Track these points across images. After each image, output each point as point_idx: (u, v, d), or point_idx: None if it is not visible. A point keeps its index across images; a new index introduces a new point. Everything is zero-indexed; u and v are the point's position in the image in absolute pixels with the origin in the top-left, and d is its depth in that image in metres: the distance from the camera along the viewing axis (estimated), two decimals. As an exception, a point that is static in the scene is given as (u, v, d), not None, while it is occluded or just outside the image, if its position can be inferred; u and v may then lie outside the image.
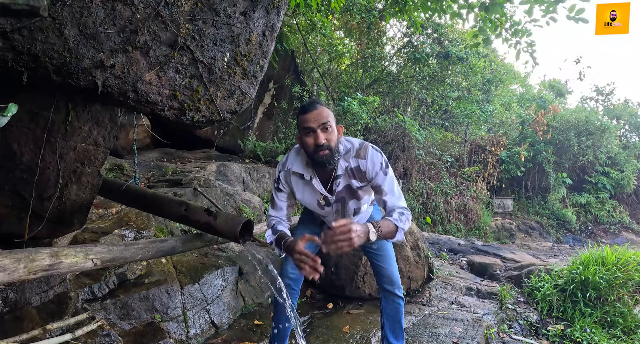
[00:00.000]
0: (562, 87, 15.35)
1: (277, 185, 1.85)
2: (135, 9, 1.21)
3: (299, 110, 1.70)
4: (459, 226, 9.58)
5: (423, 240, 3.68)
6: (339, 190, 1.80)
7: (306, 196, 1.84)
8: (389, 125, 8.47)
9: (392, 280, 2.05)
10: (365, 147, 1.76)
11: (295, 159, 1.81)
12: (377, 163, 1.74)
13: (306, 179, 1.78)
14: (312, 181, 1.78)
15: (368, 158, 1.74)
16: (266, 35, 1.59)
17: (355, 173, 1.76)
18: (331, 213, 1.90)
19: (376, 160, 1.74)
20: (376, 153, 1.76)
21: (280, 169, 1.84)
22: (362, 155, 1.74)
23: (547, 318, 3.34)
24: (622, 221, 11.53)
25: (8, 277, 1.20)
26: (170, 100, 1.36)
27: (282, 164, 1.85)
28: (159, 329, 2.25)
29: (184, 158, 5.54)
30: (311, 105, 1.66)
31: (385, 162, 1.76)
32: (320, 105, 1.67)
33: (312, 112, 1.63)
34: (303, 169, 1.78)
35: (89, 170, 1.84)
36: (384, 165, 1.75)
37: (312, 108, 1.64)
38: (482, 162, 11.84)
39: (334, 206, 1.86)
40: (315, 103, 1.67)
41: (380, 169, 1.74)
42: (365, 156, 1.74)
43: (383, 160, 1.75)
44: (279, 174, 1.84)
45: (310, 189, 1.82)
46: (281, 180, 1.83)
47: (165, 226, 3.09)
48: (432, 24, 9.40)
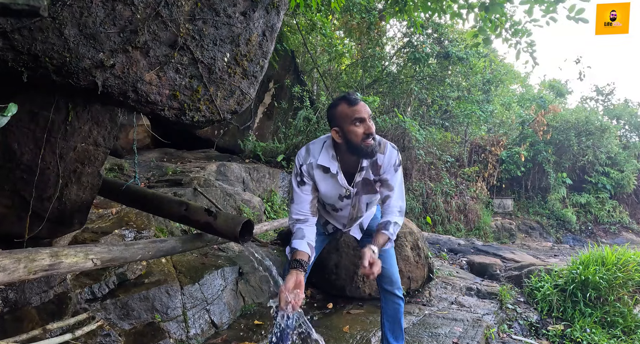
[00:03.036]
0: (562, 87, 15.35)
1: (301, 178, 1.85)
2: (135, 9, 1.21)
3: (338, 103, 1.75)
4: (459, 226, 9.58)
5: (423, 240, 3.68)
6: (358, 182, 1.86)
7: (329, 189, 1.88)
8: (389, 125, 8.45)
9: (392, 280, 2.06)
10: (385, 143, 1.85)
11: (318, 152, 1.83)
12: (392, 161, 1.84)
13: (332, 172, 1.82)
14: (338, 175, 1.82)
15: (386, 154, 1.83)
16: (266, 35, 1.59)
17: (371, 166, 1.84)
18: (348, 205, 1.94)
19: (392, 156, 1.84)
20: (393, 151, 1.85)
21: (301, 162, 1.84)
22: (382, 150, 1.82)
23: (547, 318, 3.34)
24: (622, 221, 11.52)
25: (8, 277, 1.20)
26: (170, 100, 1.36)
27: (303, 157, 1.85)
28: (159, 329, 2.25)
29: (184, 158, 5.54)
30: (355, 98, 1.73)
31: (399, 161, 1.87)
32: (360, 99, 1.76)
33: (360, 103, 1.71)
34: (329, 162, 1.80)
35: (89, 170, 1.84)
36: (397, 163, 1.85)
37: (358, 100, 1.71)
38: (482, 162, 11.84)
39: (353, 199, 1.92)
40: (357, 97, 1.75)
41: (393, 166, 1.84)
42: (384, 151, 1.83)
43: (397, 159, 1.86)
44: (300, 168, 1.84)
45: (333, 182, 1.85)
46: (304, 173, 1.84)
47: (165, 226, 3.09)
48: (432, 24, 9.39)
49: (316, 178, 1.84)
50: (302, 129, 6.48)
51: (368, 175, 1.85)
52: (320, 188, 1.87)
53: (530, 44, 3.75)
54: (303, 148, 1.90)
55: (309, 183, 1.86)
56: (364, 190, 1.89)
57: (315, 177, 1.84)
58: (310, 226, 1.85)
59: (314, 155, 1.83)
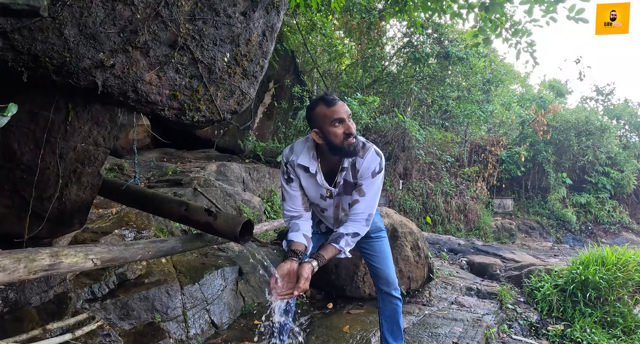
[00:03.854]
0: (562, 87, 15.34)
1: (287, 176, 1.86)
2: (135, 9, 1.21)
3: (316, 104, 1.73)
4: (459, 226, 9.57)
5: (423, 240, 3.68)
6: (340, 183, 1.84)
7: (310, 188, 1.87)
8: (389, 125, 8.46)
9: (389, 281, 2.05)
10: (368, 148, 1.80)
11: (300, 152, 1.82)
12: (371, 167, 1.78)
13: (311, 172, 1.81)
14: (317, 175, 1.81)
15: (365, 159, 1.78)
16: (266, 35, 1.59)
17: (351, 169, 1.81)
18: (332, 205, 1.93)
19: (372, 163, 1.78)
20: (375, 157, 1.79)
21: (285, 161, 1.85)
22: (362, 154, 1.78)
23: (547, 318, 3.34)
24: (622, 221, 11.52)
25: (8, 277, 1.20)
26: (170, 100, 1.36)
27: (286, 156, 1.86)
28: (159, 329, 2.25)
29: (184, 158, 5.54)
30: (333, 98, 1.71)
31: (379, 168, 1.80)
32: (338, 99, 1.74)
33: (338, 103, 1.69)
34: (309, 162, 1.80)
35: (89, 170, 1.84)
36: (377, 170, 1.79)
37: (335, 101, 1.70)
38: (482, 162, 11.84)
39: (335, 199, 1.89)
40: (335, 97, 1.73)
41: (371, 173, 1.78)
42: (364, 156, 1.78)
43: (378, 166, 1.79)
44: (286, 166, 1.85)
45: (313, 182, 1.84)
46: (289, 170, 1.84)
47: (165, 226, 3.09)
48: (432, 24, 9.39)
49: (300, 176, 1.85)
50: (302, 129, 6.48)
51: (348, 176, 1.83)
52: (303, 186, 1.87)
53: (531, 43, 3.74)
54: (289, 146, 1.91)
55: (295, 180, 1.86)
56: (345, 190, 1.87)
57: (299, 176, 1.85)
58: (305, 220, 1.86)
59: (297, 154, 1.83)
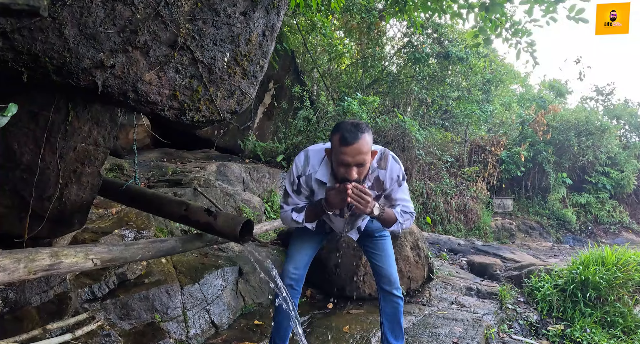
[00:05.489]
0: (562, 87, 15.31)
1: (297, 188, 1.82)
2: (135, 9, 1.21)
3: (336, 132, 1.61)
4: (459, 226, 9.57)
5: (423, 240, 3.68)
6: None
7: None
8: (389, 125, 8.45)
9: (391, 280, 2.05)
10: (386, 157, 1.78)
11: (317, 164, 1.78)
12: (395, 175, 1.78)
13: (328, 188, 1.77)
14: None
15: (388, 169, 1.77)
16: (266, 35, 1.59)
17: (374, 183, 1.78)
18: (343, 220, 1.92)
19: (395, 172, 1.78)
20: (395, 164, 1.79)
21: (299, 173, 1.79)
22: (383, 166, 1.77)
23: (547, 318, 3.34)
24: (622, 221, 11.51)
25: (8, 277, 1.20)
26: (170, 100, 1.36)
27: (302, 168, 1.79)
28: (159, 329, 2.25)
29: (184, 158, 5.54)
30: (354, 134, 1.55)
31: (402, 174, 1.80)
32: (362, 133, 1.57)
33: (354, 145, 1.55)
34: (327, 178, 1.76)
35: (89, 170, 1.84)
36: (401, 177, 1.80)
37: (354, 139, 1.55)
38: (482, 162, 11.82)
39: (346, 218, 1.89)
40: (358, 132, 1.56)
41: (397, 181, 1.79)
42: (385, 166, 1.77)
43: (401, 172, 1.80)
44: (298, 178, 1.80)
45: None
46: (302, 184, 1.80)
47: (165, 226, 3.09)
48: (432, 24, 9.39)
49: (314, 188, 1.81)
50: (302, 129, 6.48)
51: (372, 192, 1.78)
52: (317, 197, 1.84)
53: (531, 43, 3.74)
54: (302, 153, 1.83)
55: (305, 193, 1.84)
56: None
57: (312, 187, 1.81)
58: None
59: (314, 167, 1.77)
